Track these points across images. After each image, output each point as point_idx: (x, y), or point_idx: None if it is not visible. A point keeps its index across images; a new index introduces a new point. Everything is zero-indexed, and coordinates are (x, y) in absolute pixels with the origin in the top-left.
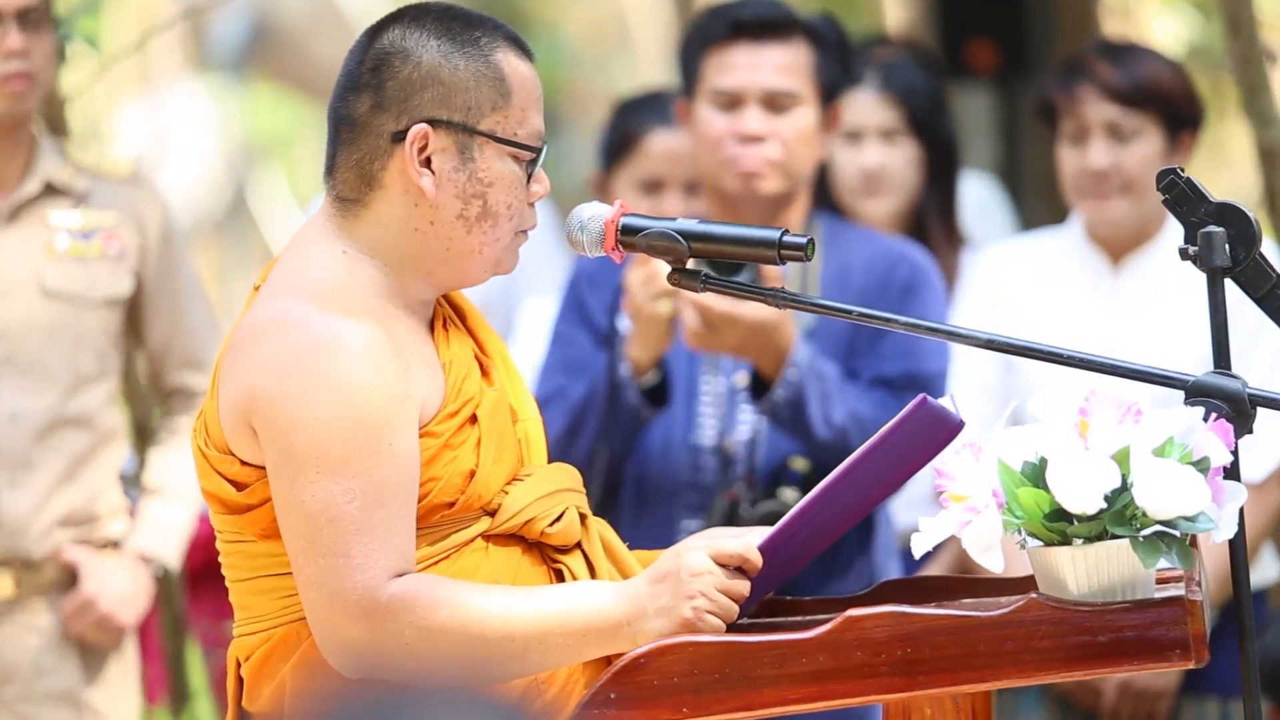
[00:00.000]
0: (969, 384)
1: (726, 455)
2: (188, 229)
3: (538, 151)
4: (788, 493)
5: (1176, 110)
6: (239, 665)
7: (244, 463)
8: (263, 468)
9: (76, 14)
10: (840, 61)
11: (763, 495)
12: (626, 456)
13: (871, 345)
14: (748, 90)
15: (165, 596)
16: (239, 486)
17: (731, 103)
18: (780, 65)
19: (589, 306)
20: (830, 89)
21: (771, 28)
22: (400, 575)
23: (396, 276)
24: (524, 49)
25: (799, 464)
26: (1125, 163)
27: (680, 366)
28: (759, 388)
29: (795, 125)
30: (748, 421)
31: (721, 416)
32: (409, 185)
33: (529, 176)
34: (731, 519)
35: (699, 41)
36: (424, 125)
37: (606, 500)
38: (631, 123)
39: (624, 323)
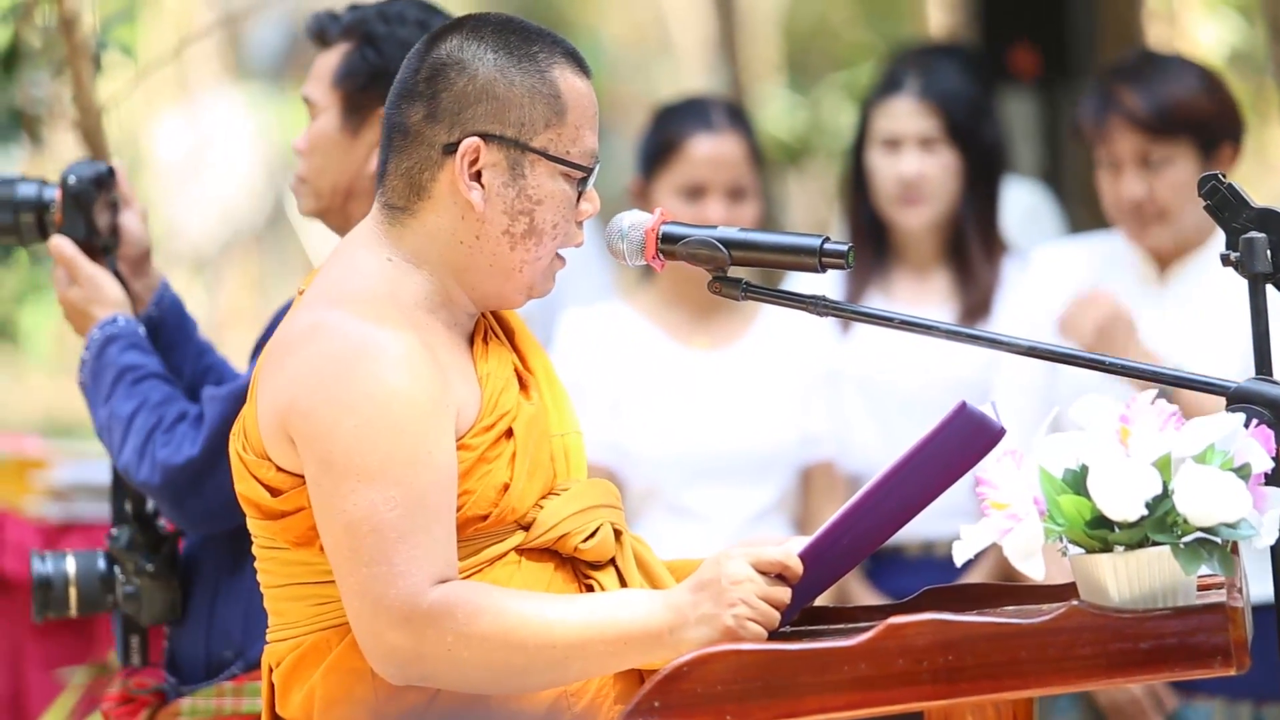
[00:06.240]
0: (1015, 390)
1: None
2: (227, 239)
3: (589, 170)
4: None
5: (1209, 128)
6: (271, 671)
7: (280, 469)
8: (299, 475)
9: (112, 22)
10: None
11: None
12: None
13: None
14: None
15: None
16: (274, 492)
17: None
18: (316, 72)
19: None
20: (360, 91)
21: (322, 36)
22: (443, 582)
23: (440, 287)
24: (582, 65)
25: None
26: (1158, 191)
27: None
28: None
29: (312, 135)
30: None
31: None
32: (458, 197)
33: (579, 195)
34: None
35: None
36: (476, 139)
37: None
38: (672, 128)
39: None
